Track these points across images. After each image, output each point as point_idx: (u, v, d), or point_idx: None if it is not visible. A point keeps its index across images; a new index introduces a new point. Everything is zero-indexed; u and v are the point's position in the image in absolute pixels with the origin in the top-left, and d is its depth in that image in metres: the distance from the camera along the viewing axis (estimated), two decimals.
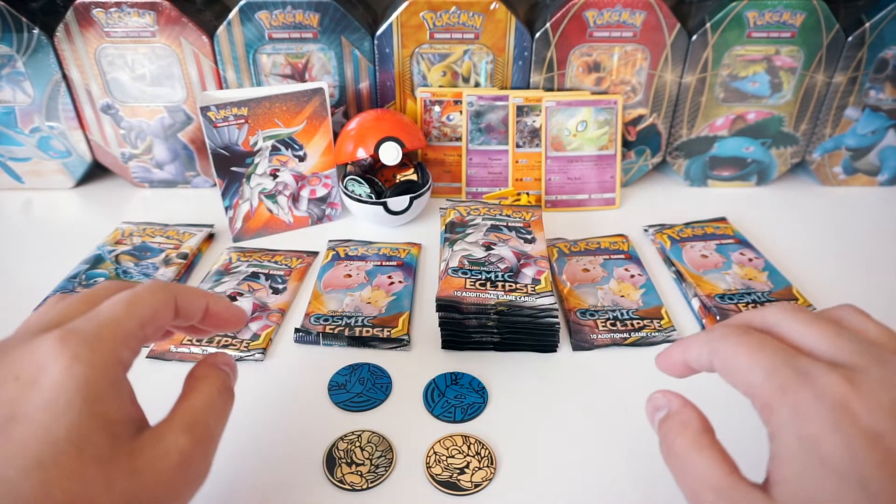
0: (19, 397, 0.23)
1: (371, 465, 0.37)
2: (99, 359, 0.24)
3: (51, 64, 0.63)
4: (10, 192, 0.71)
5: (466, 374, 0.45)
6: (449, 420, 0.41)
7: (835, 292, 0.54)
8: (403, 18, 0.62)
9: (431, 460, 0.37)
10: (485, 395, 0.43)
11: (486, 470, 0.37)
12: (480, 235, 0.52)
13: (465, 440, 0.39)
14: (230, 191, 0.60)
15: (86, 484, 0.22)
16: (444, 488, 0.36)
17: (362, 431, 0.40)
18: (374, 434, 0.40)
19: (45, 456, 0.21)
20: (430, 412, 0.42)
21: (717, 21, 0.62)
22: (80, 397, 0.23)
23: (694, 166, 0.72)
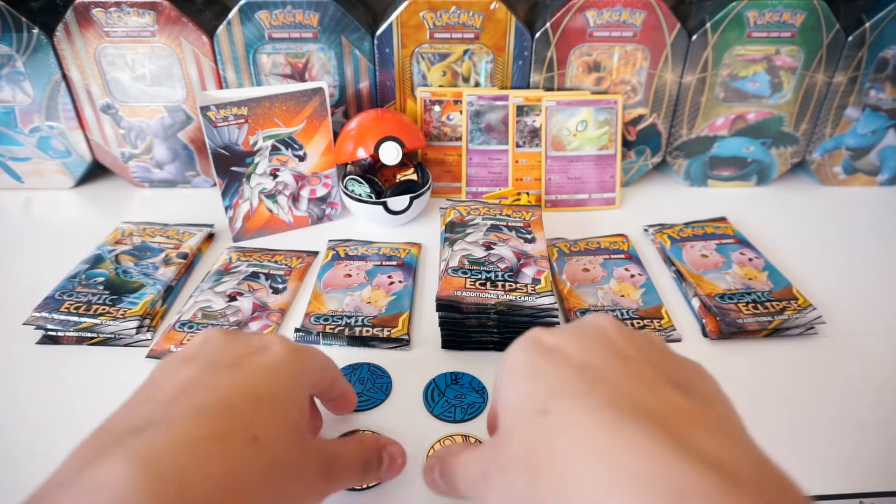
0: (249, 354, 0.30)
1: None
2: (304, 364, 0.31)
3: (50, 64, 0.63)
4: (9, 191, 0.71)
5: (466, 374, 0.45)
6: (449, 420, 0.41)
7: (835, 292, 0.54)
8: (403, 18, 0.62)
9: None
10: (485, 394, 0.43)
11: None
12: (480, 235, 0.52)
13: (465, 440, 0.38)
14: (230, 190, 0.60)
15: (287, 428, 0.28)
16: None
17: (363, 431, 0.40)
18: (374, 434, 0.40)
19: (264, 392, 0.28)
20: (430, 412, 0.42)
21: (717, 21, 0.62)
22: (291, 372, 0.30)
23: (694, 166, 0.72)
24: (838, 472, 0.38)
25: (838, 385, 0.45)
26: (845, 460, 0.39)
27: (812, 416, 0.42)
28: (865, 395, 0.44)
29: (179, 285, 0.55)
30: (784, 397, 0.44)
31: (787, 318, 0.49)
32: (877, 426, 0.42)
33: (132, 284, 0.52)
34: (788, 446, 0.40)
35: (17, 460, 0.39)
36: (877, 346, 0.48)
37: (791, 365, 0.47)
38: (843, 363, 0.47)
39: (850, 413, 0.42)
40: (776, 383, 0.45)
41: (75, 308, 0.49)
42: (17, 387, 0.44)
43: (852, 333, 0.50)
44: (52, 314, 0.49)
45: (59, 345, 0.48)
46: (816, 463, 0.39)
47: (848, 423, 0.42)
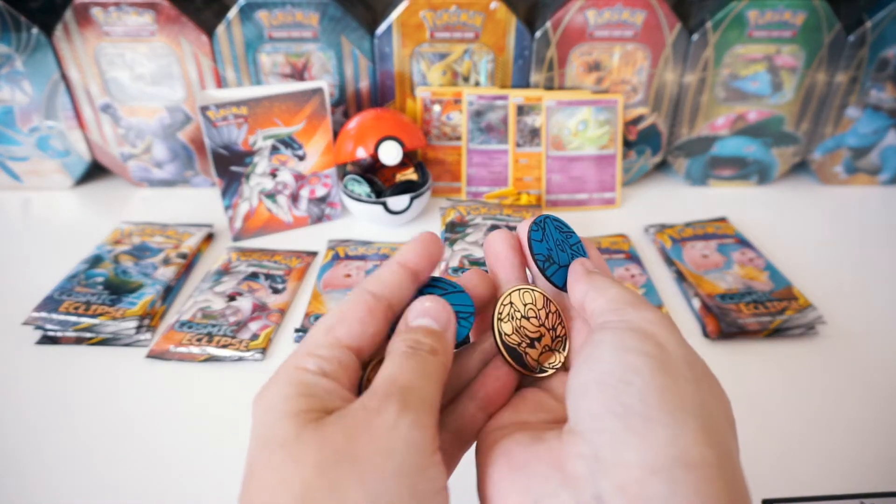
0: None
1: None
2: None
3: (50, 63, 0.63)
4: (9, 191, 0.71)
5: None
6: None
7: (835, 292, 0.54)
8: (403, 18, 0.62)
9: (505, 311, 0.28)
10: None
11: (557, 354, 0.28)
12: (480, 235, 0.52)
13: (546, 304, 0.29)
14: (230, 190, 0.60)
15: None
16: (507, 355, 0.27)
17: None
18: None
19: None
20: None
21: (717, 20, 0.62)
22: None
23: (694, 166, 0.72)
24: (838, 472, 0.38)
25: (838, 385, 0.45)
26: (845, 460, 0.39)
27: (812, 416, 0.42)
28: (865, 395, 0.44)
29: (179, 285, 0.55)
30: (784, 397, 0.44)
31: (788, 318, 0.49)
32: (877, 426, 0.41)
33: (131, 284, 0.52)
34: (789, 446, 0.40)
35: (17, 460, 0.39)
36: (877, 346, 0.48)
37: (791, 365, 0.46)
38: (843, 363, 0.47)
39: (850, 413, 0.42)
40: (776, 383, 0.45)
41: (75, 308, 0.49)
42: (17, 387, 0.44)
43: (852, 333, 0.49)
44: (51, 314, 0.48)
45: (58, 345, 0.48)
46: (816, 463, 0.39)
47: (848, 423, 0.42)
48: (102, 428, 0.41)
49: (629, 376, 0.22)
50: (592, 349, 0.23)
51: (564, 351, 0.28)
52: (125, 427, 0.41)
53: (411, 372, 0.23)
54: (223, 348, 0.47)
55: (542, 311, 0.29)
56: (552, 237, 0.31)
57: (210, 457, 0.39)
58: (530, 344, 0.28)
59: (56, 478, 0.38)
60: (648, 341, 0.23)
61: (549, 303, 0.29)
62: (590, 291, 0.27)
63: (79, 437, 0.41)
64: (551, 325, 0.29)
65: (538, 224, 0.31)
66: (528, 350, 0.27)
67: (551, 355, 0.28)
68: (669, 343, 0.23)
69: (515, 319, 0.28)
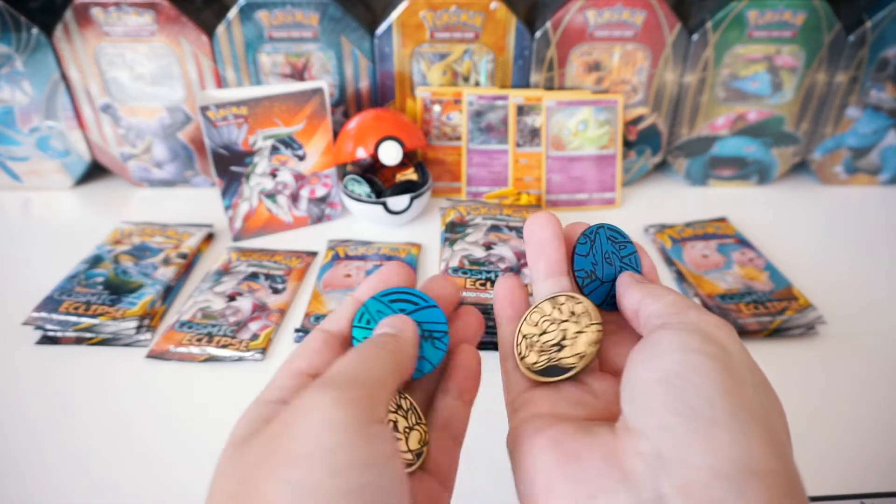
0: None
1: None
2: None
3: (50, 63, 0.63)
4: (8, 191, 0.71)
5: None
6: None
7: (835, 292, 0.54)
8: (403, 18, 0.62)
9: (522, 348, 0.27)
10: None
11: (590, 331, 0.26)
12: (480, 235, 0.52)
13: (555, 304, 0.27)
14: (230, 190, 0.60)
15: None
16: (546, 378, 0.26)
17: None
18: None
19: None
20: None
21: (717, 20, 0.62)
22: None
23: (694, 166, 0.72)
24: (838, 472, 0.38)
25: (838, 385, 0.45)
26: (845, 460, 0.39)
27: (812, 417, 0.42)
28: (865, 395, 0.44)
29: (179, 285, 0.55)
30: (784, 397, 0.44)
31: (788, 318, 0.49)
32: (877, 426, 0.41)
33: (131, 284, 0.52)
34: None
35: (17, 460, 0.39)
36: (877, 346, 0.48)
37: (791, 365, 0.46)
38: (843, 363, 0.47)
39: (850, 413, 0.42)
40: (776, 383, 0.45)
41: (74, 308, 0.49)
42: (17, 387, 0.44)
43: (852, 333, 0.49)
44: (51, 314, 0.48)
45: (58, 345, 0.48)
46: (816, 463, 0.39)
47: (848, 423, 0.42)
48: (102, 428, 0.41)
49: (693, 376, 0.21)
50: (652, 347, 0.23)
51: (595, 323, 0.26)
52: (125, 427, 0.41)
53: (342, 361, 0.22)
54: (223, 348, 0.47)
55: (555, 311, 0.27)
56: (601, 249, 0.29)
57: (210, 457, 0.39)
58: (558, 349, 0.26)
59: (56, 478, 0.38)
60: (711, 343, 0.22)
61: (556, 300, 0.27)
62: (645, 298, 0.26)
63: (79, 437, 0.41)
64: (569, 312, 0.27)
65: (588, 236, 0.29)
66: (558, 354, 0.26)
67: (583, 336, 0.26)
68: (732, 346, 0.22)
69: (535, 345, 0.27)
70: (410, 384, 0.27)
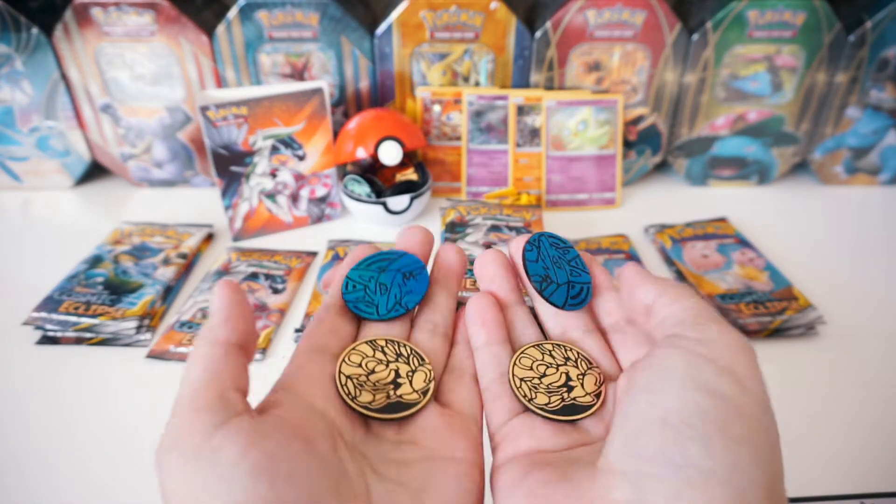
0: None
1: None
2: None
3: (49, 63, 0.63)
4: (8, 191, 0.71)
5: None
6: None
7: (835, 292, 0.54)
8: (403, 18, 0.62)
9: (525, 390, 0.27)
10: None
11: (593, 374, 0.27)
12: (480, 235, 0.52)
13: (542, 350, 0.28)
14: (230, 190, 0.60)
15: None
16: (561, 416, 0.25)
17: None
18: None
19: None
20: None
21: (717, 20, 0.62)
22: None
23: (694, 166, 0.72)
24: (838, 472, 0.38)
25: (838, 385, 0.45)
26: (845, 460, 0.39)
27: (812, 417, 0.42)
28: (865, 395, 0.44)
29: (179, 285, 0.55)
30: (784, 397, 0.44)
31: (788, 318, 0.49)
32: (877, 426, 0.41)
33: (131, 284, 0.52)
34: (789, 447, 0.40)
35: (17, 460, 0.39)
36: (877, 346, 0.48)
37: (791, 365, 0.46)
38: (843, 363, 0.47)
39: (850, 413, 0.42)
40: (776, 384, 0.45)
41: (74, 308, 0.49)
42: (17, 387, 0.44)
43: (852, 333, 0.49)
44: (51, 314, 0.48)
45: (58, 345, 0.48)
46: (816, 463, 0.39)
47: (848, 423, 0.42)
48: (102, 428, 0.41)
49: (698, 422, 0.19)
50: (659, 375, 0.21)
51: (593, 367, 0.27)
52: (125, 427, 0.41)
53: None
54: None
55: (546, 356, 0.28)
56: (548, 255, 0.30)
57: None
58: (567, 389, 0.26)
59: (56, 478, 0.38)
60: (727, 378, 0.20)
61: (543, 346, 0.28)
62: (662, 297, 0.24)
63: (79, 437, 0.41)
64: (563, 357, 0.28)
65: (532, 243, 0.30)
66: (570, 395, 0.26)
67: (592, 377, 0.27)
68: (750, 380, 0.20)
69: (540, 387, 0.27)
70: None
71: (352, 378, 0.25)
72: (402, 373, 0.26)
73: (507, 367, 0.27)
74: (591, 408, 0.26)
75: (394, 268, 0.30)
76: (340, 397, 0.24)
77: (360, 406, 0.24)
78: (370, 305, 0.28)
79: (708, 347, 0.21)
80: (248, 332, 0.23)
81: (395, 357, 0.27)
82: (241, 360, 0.22)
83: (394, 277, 0.29)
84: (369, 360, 0.26)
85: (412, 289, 0.29)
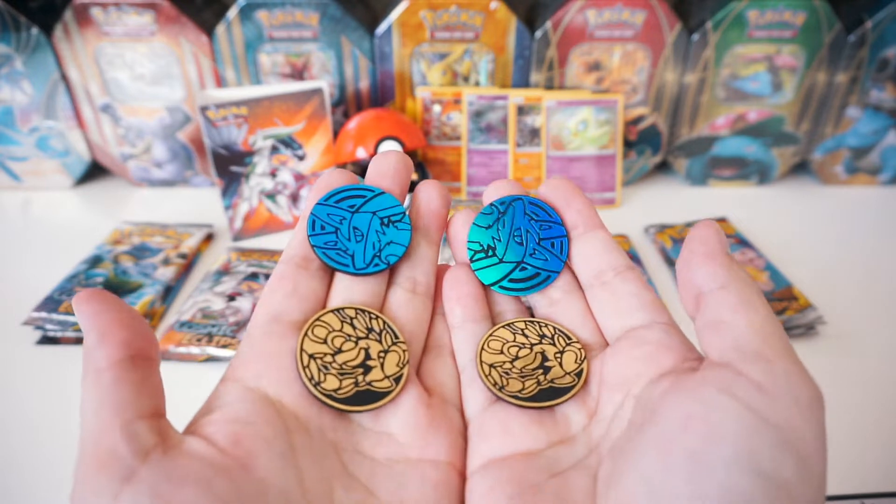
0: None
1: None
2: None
3: (49, 63, 0.63)
4: (8, 191, 0.71)
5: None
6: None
7: (835, 292, 0.54)
8: (403, 18, 0.62)
9: (496, 378, 0.23)
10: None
11: (573, 350, 0.23)
12: None
13: (513, 330, 0.24)
14: (230, 190, 0.60)
15: None
16: (537, 403, 0.22)
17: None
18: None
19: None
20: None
21: (718, 20, 0.62)
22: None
23: (695, 166, 0.72)
24: (838, 473, 0.38)
25: (838, 385, 0.45)
26: (845, 460, 0.39)
27: None
28: (865, 395, 0.44)
29: (179, 285, 0.55)
30: None
31: (788, 318, 0.49)
32: (877, 426, 0.41)
33: (131, 285, 0.52)
34: None
35: (16, 461, 0.39)
36: (877, 346, 0.48)
37: None
38: (843, 363, 0.47)
39: (850, 413, 0.42)
40: None
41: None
42: (17, 387, 0.44)
43: (852, 333, 0.49)
44: (51, 314, 0.48)
45: (58, 345, 0.48)
46: None
47: (848, 423, 0.42)
48: None
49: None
50: (699, 439, 0.16)
51: (575, 344, 0.24)
52: None
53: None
54: (223, 348, 0.46)
55: (517, 336, 0.24)
56: (512, 224, 0.25)
57: None
58: (544, 371, 0.23)
59: (56, 478, 0.38)
60: (789, 456, 0.15)
61: (513, 325, 0.24)
62: (725, 292, 0.18)
63: (78, 437, 0.41)
64: (538, 334, 0.24)
65: (496, 206, 0.25)
66: (547, 377, 0.23)
67: (571, 354, 0.23)
68: (815, 456, 0.16)
69: (513, 371, 0.23)
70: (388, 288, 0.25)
71: (315, 358, 0.21)
72: (374, 353, 0.22)
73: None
74: (572, 389, 0.22)
75: (369, 209, 0.24)
76: (301, 381, 0.21)
77: (323, 394, 0.21)
78: (343, 255, 0.24)
79: (771, 402, 0.16)
80: (136, 338, 0.18)
81: (365, 332, 0.23)
82: (139, 374, 0.18)
83: (370, 221, 0.24)
84: (336, 336, 0.22)
85: (393, 238, 0.24)
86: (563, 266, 0.25)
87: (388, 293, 0.25)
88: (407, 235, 0.25)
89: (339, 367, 0.22)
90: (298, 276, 0.23)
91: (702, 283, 0.19)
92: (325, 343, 0.22)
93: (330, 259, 0.23)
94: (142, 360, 0.18)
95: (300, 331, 0.22)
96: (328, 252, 0.23)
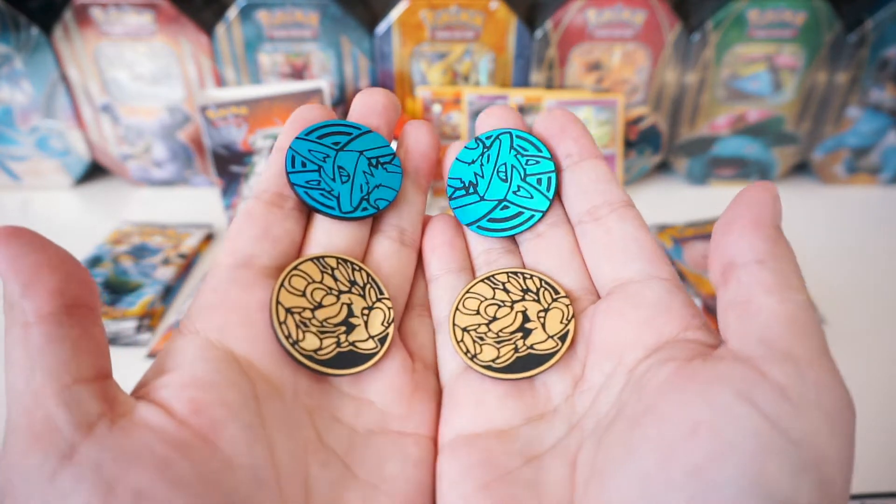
0: None
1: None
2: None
3: (49, 63, 0.63)
4: (8, 191, 0.71)
5: None
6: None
7: (835, 292, 0.54)
8: (403, 18, 0.62)
9: (468, 344, 0.21)
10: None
11: (559, 307, 0.21)
12: None
13: (493, 284, 0.22)
14: (229, 190, 0.60)
15: None
16: (512, 374, 0.20)
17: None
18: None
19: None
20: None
21: (718, 20, 0.62)
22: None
23: (695, 166, 0.72)
24: None
25: None
26: None
27: None
28: (865, 395, 0.44)
29: (178, 286, 0.55)
30: None
31: None
32: (877, 426, 0.41)
33: (131, 285, 0.52)
34: None
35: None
36: (877, 345, 0.48)
37: None
38: (844, 363, 0.46)
39: None
40: None
41: None
42: None
43: (852, 333, 0.49)
44: None
45: None
46: None
47: None
48: None
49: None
50: (708, 452, 0.13)
51: (563, 299, 0.21)
52: None
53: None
54: None
55: (497, 292, 0.21)
56: (496, 160, 0.23)
57: None
58: (523, 334, 0.20)
59: None
60: (811, 476, 0.13)
61: (494, 278, 0.22)
62: (760, 268, 0.16)
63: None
64: (521, 289, 0.21)
65: (482, 141, 0.23)
66: (526, 342, 0.20)
67: (557, 312, 0.21)
68: (840, 474, 0.13)
69: (488, 336, 0.21)
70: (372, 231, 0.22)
71: (293, 313, 0.19)
72: (357, 310, 0.20)
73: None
74: (553, 357, 0.20)
75: (356, 147, 0.22)
76: (277, 339, 0.18)
77: (303, 355, 0.18)
78: (328, 196, 0.21)
79: (795, 413, 0.13)
80: (69, 284, 0.15)
81: (348, 286, 0.20)
82: (76, 328, 0.15)
83: (357, 161, 0.22)
84: (316, 288, 0.20)
85: (382, 181, 0.22)
86: (548, 205, 0.22)
87: (371, 242, 0.22)
88: (398, 179, 0.22)
89: (320, 324, 0.19)
90: (270, 216, 0.20)
91: (736, 252, 0.16)
92: (304, 296, 0.19)
93: (312, 199, 0.21)
94: (79, 310, 0.15)
95: (273, 279, 0.19)
96: (310, 192, 0.21)
